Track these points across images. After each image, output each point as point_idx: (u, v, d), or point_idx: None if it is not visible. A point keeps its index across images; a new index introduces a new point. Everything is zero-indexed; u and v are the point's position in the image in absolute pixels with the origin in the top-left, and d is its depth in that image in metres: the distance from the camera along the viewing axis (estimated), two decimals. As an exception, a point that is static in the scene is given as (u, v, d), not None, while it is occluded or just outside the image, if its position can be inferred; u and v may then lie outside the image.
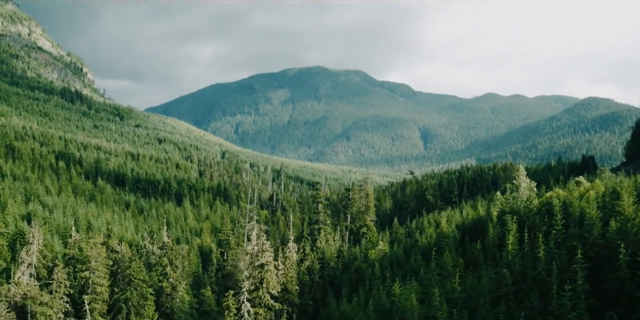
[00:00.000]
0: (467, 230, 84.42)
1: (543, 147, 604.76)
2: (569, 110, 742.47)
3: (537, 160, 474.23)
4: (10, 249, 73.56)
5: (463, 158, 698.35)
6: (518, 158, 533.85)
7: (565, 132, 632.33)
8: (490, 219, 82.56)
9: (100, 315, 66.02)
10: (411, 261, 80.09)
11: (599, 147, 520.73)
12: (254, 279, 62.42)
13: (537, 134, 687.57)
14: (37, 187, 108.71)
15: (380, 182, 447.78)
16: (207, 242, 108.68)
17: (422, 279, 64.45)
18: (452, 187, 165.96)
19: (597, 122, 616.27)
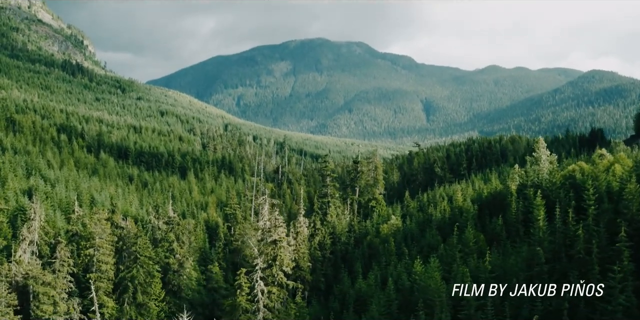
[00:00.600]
0: (484, 205, 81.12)
1: (546, 120, 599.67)
2: (572, 83, 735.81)
3: (540, 133, 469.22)
4: (11, 226, 70.34)
5: (466, 131, 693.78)
6: (521, 131, 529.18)
7: (568, 105, 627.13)
8: (509, 193, 79.23)
9: (106, 295, 63.00)
10: (427, 236, 76.89)
11: (602, 120, 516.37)
12: (267, 256, 59.18)
13: (540, 106, 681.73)
14: (39, 161, 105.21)
15: (383, 155, 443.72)
16: (214, 217, 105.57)
17: (443, 256, 61.23)
18: (461, 160, 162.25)
19: (600, 95, 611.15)
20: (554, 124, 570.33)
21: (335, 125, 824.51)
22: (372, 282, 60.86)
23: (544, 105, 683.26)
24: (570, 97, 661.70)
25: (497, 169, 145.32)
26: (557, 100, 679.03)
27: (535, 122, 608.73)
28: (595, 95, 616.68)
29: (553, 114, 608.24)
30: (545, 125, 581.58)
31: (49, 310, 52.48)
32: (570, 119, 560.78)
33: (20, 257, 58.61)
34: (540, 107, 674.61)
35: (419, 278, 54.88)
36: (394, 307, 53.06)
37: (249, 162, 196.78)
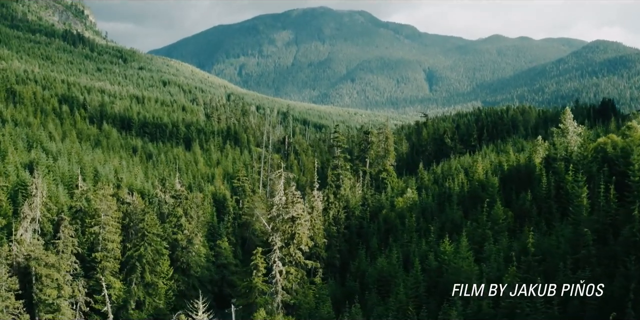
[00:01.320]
0: (506, 179, 76.97)
1: (550, 90, 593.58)
2: (576, 53, 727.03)
3: (544, 104, 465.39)
4: (12, 202, 66.36)
5: (469, 101, 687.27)
6: (524, 101, 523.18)
7: (572, 75, 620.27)
8: (534, 166, 75.04)
9: (112, 274, 59.40)
10: (447, 212, 72.84)
11: (606, 91, 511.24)
12: (284, 234, 55.27)
13: (543, 77, 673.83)
14: (40, 133, 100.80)
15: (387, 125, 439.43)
16: (221, 189, 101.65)
17: (471, 234, 57.23)
18: (471, 131, 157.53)
19: (604, 65, 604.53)
20: (557, 94, 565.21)
21: (338, 95, 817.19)
22: (394, 261, 56.92)
23: (547, 75, 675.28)
24: (574, 67, 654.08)
25: (508, 140, 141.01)
26: (561, 70, 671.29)
27: (538, 92, 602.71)
28: (599, 66, 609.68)
29: (557, 85, 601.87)
30: (548, 95, 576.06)
31: (52, 293, 48.86)
32: (574, 90, 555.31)
33: (21, 236, 54.83)
34: (543, 78, 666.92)
35: (447, 258, 50.97)
36: (421, 289, 49.25)
37: (253, 132, 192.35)
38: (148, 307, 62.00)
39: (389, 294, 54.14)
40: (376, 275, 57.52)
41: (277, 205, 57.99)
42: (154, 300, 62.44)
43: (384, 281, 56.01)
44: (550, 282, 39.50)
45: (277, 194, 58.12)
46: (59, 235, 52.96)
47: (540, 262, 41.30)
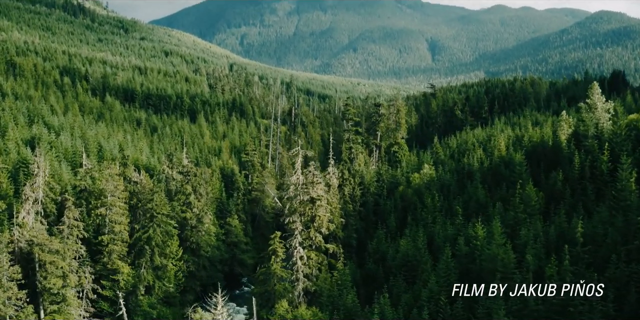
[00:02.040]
0: (530, 155, 72.88)
1: (553, 60, 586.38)
2: (580, 23, 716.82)
3: (547, 74, 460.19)
4: (13, 181, 62.39)
5: (472, 71, 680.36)
6: (528, 71, 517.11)
7: (576, 46, 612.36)
8: (559, 143, 70.87)
9: (120, 258, 55.71)
10: (469, 190, 68.79)
11: (610, 62, 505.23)
12: (303, 217, 51.41)
13: (547, 47, 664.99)
14: (41, 107, 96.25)
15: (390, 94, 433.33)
16: (229, 164, 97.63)
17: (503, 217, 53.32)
18: (482, 103, 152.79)
19: (608, 36, 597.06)
20: (561, 65, 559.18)
21: (340, 65, 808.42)
22: (420, 244, 53.08)
23: (550, 46, 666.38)
24: (578, 38, 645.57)
25: (520, 112, 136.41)
26: (564, 41, 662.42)
27: (542, 62, 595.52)
28: (603, 37, 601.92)
29: (560, 55, 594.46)
30: (552, 66, 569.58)
31: (57, 283, 45.17)
32: (577, 60, 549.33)
33: (23, 219, 50.98)
34: (547, 48, 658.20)
35: (480, 244, 47.16)
36: (453, 277, 45.58)
37: (258, 103, 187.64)
38: (158, 291, 58.52)
39: (415, 279, 50.62)
40: (400, 259, 53.79)
41: (294, 185, 54.00)
42: (163, 284, 58.93)
43: (409, 266, 52.31)
44: (600, 275, 35.87)
45: (294, 173, 54.06)
46: (63, 219, 49.05)
47: (589, 253, 37.43)
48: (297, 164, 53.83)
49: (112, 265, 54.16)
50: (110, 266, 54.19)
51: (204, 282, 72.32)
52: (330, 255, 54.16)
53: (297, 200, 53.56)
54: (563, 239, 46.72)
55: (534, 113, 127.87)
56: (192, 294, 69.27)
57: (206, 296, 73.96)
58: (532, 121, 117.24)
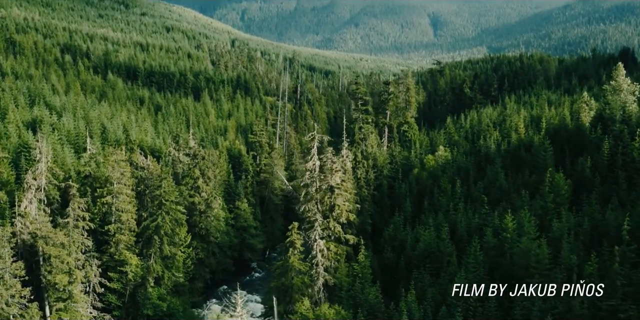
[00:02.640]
0: (551, 139, 69.78)
1: (556, 36, 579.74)
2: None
3: (550, 50, 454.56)
4: (14, 166, 59.33)
5: (474, 46, 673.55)
6: (531, 47, 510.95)
7: (579, 21, 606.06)
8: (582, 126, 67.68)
9: (127, 248, 52.82)
10: (489, 175, 65.72)
11: (614, 38, 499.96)
12: (321, 206, 48.39)
13: (550, 22, 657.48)
14: (42, 86, 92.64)
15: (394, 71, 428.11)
16: (236, 144, 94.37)
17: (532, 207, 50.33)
18: (491, 80, 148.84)
19: (612, 11, 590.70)
20: (564, 40, 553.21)
21: (342, 40, 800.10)
22: (444, 235, 50.12)
23: (553, 21, 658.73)
24: (581, 13, 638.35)
25: (530, 91, 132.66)
26: (568, 16, 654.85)
27: (545, 38, 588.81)
28: (606, 12, 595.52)
29: (563, 31, 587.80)
30: (555, 42, 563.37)
31: (63, 280, 42.30)
32: (580, 36, 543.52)
33: (25, 208, 47.93)
34: (550, 24, 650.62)
35: (510, 236, 44.21)
36: (482, 272, 42.73)
37: (261, 80, 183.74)
38: (167, 281, 55.86)
39: (439, 272, 47.80)
40: (422, 249, 50.90)
41: (309, 171, 50.84)
42: (173, 273, 56.23)
43: (432, 258, 49.43)
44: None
45: (310, 159, 50.89)
46: (68, 210, 45.98)
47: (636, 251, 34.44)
48: (313, 150, 50.59)
49: (120, 256, 51.32)
50: (118, 257, 51.36)
51: (213, 268, 69.80)
52: (349, 245, 51.17)
53: (314, 187, 50.51)
54: (597, 232, 43.87)
55: (546, 92, 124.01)
56: (200, 281, 66.79)
57: (215, 284, 71.87)
58: (545, 100, 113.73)
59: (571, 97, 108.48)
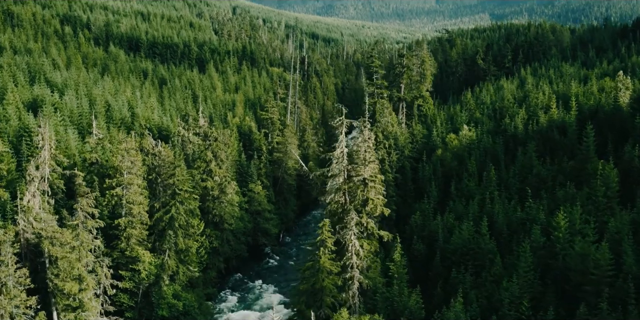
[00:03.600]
0: (585, 120, 64.98)
1: (560, 4, 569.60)
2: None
3: (554, 18, 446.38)
4: (15, 152, 54.70)
5: (476, 13, 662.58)
6: (534, 14, 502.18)
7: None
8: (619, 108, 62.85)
9: (139, 242, 48.53)
10: (521, 160, 61.00)
11: (619, 6, 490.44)
12: (354, 199, 43.89)
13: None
14: (42, 61, 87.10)
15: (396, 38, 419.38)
16: (246, 121, 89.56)
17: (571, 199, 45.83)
18: (504, 51, 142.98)
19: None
20: (567, 8, 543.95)
21: (342, 6, 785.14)
22: (484, 230, 45.71)
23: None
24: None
25: (546, 63, 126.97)
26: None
27: (548, 5, 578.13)
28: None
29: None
30: (558, 9, 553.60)
31: (73, 288, 38.07)
32: (585, 4, 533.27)
33: (28, 202, 43.51)
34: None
35: (561, 236, 39.86)
36: (531, 276, 38.53)
37: (265, 49, 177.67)
38: (182, 277, 51.79)
39: (480, 272, 43.60)
40: (459, 244, 46.59)
41: (337, 159, 46.31)
42: (187, 268, 52.15)
43: (471, 255, 45.19)
44: None
45: (337, 146, 46.29)
46: (75, 208, 41.41)
47: None
48: (340, 136, 45.99)
49: (131, 252, 47.10)
50: (129, 253, 47.13)
51: (227, 256, 65.80)
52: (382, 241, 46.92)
53: (341, 177, 46.02)
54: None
55: (564, 64, 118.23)
56: (214, 271, 62.78)
57: (229, 272, 67.74)
58: (566, 74, 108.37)
59: (592, 71, 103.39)
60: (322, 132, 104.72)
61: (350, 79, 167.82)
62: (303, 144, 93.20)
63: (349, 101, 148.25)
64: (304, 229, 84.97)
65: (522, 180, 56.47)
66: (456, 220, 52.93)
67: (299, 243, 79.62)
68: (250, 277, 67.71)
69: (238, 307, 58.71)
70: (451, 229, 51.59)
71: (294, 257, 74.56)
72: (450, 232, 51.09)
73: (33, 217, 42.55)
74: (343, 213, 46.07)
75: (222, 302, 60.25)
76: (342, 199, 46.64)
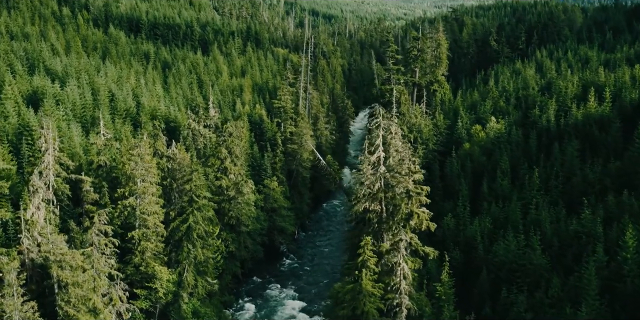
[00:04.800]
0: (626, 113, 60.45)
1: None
2: None
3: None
4: (15, 153, 49.98)
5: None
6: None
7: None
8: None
9: (154, 257, 44.05)
10: (560, 159, 56.53)
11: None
12: (395, 211, 39.38)
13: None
14: (41, 47, 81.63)
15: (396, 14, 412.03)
16: (257, 109, 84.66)
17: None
18: (518, 32, 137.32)
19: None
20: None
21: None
22: (535, 244, 41.32)
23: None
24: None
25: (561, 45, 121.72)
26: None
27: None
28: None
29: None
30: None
31: (87, 322, 33.65)
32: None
33: (32, 216, 38.98)
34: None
35: (630, 257, 35.51)
36: (598, 303, 34.27)
37: (267, 28, 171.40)
38: (200, 290, 47.47)
39: (532, 290, 39.37)
40: (507, 258, 42.31)
41: (372, 165, 41.76)
42: (206, 280, 47.77)
43: (522, 271, 40.94)
44: None
45: (374, 151, 41.70)
46: (89, 235, 36.73)
47: None
48: (378, 140, 41.40)
49: (146, 268, 42.70)
50: (144, 269, 42.73)
51: (243, 259, 61.48)
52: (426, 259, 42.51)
53: (378, 187, 41.49)
54: None
55: (583, 47, 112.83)
56: (229, 274, 58.51)
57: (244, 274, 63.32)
58: (578, 58, 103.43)
59: (613, 55, 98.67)
60: (333, 118, 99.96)
61: (356, 59, 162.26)
62: (316, 133, 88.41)
63: (355, 83, 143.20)
64: (319, 224, 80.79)
65: (564, 182, 52.01)
66: (494, 226, 48.88)
67: (315, 239, 75.59)
68: (267, 280, 63.54)
69: (258, 317, 54.63)
70: (491, 237, 47.47)
71: (310, 256, 70.47)
72: (490, 241, 46.96)
73: (38, 231, 38.13)
74: (379, 224, 41.78)
75: (240, 310, 56.13)
76: (379, 208, 42.23)
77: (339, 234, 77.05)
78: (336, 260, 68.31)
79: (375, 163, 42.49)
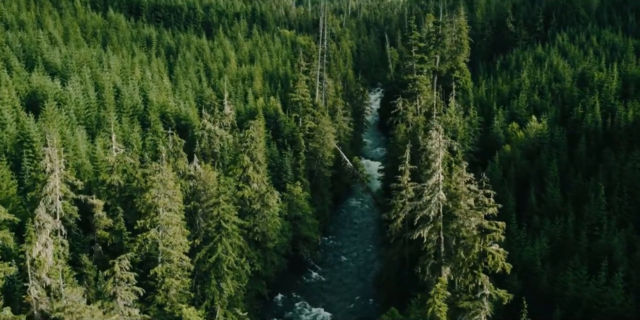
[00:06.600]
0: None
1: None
2: None
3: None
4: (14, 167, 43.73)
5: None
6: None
7: None
8: None
9: (179, 294, 38.16)
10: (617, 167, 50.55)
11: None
12: (464, 251, 33.51)
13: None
14: (38, 37, 74.57)
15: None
16: (272, 102, 78.21)
17: None
18: (535, 14, 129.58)
19: None
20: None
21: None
22: (618, 282, 35.64)
23: None
24: None
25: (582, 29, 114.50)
26: None
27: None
28: None
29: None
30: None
31: None
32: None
33: (39, 255, 33.02)
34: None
35: None
36: None
37: (269, 6, 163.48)
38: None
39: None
40: (584, 295, 36.70)
41: (430, 189, 35.87)
42: (237, 315, 42.04)
43: (602, 313, 35.36)
44: None
45: (431, 173, 35.81)
46: (108, 281, 30.79)
47: None
48: (437, 161, 35.42)
49: (171, 309, 36.89)
50: (169, 309, 36.93)
51: (269, 275, 55.82)
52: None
53: (434, 211, 35.65)
54: None
55: (607, 31, 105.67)
56: (253, 294, 52.95)
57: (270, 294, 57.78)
58: (603, 43, 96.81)
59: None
60: (349, 109, 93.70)
61: (364, 40, 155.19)
62: (334, 126, 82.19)
63: (364, 65, 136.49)
64: (342, 227, 75.14)
65: (629, 199, 46.18)
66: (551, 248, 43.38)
67: (339, 246, 69.90)
68: (294, 297, 58.00)
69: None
70: (551, 262, 41.84)
71: (336, 266, 64.92)
72: (552, 267, 41.32)
73: (47, 272, 32.37)
74: (437, 258, 36.14)
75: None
76: (437, 237, 36.51)
77: (363, 238, 71.68)
78: (363, 272, 63.03)
79: (433, 187, 36.60)
